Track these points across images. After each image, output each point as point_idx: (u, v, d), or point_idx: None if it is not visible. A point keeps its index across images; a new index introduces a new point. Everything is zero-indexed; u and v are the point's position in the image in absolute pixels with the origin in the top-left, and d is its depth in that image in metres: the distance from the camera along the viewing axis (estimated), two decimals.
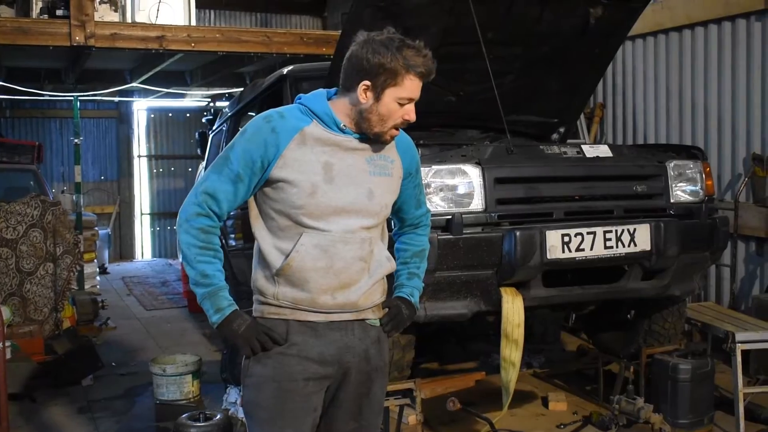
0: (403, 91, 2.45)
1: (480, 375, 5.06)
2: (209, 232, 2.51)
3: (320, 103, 2.54)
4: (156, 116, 14.75)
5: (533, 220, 4.43)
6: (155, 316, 9.08)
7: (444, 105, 5.45)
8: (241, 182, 2.47)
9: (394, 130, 2.51)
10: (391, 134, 2.52)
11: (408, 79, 2.44)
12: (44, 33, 7.76)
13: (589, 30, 5.20)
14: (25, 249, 7.10)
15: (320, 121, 2.52)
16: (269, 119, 2.51)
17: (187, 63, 10.46)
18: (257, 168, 2.47)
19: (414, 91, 2.47)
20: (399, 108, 2.47)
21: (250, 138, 2.48)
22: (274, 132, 2.47)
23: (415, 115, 2.51)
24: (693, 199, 4.88)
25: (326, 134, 2.51)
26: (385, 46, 2.42)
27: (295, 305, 2.51)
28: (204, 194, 2.50)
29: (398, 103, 2.46)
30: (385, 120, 2.47)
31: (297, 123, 2.50)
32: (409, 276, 2.83)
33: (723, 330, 4.99)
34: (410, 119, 2.49)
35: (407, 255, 2.84)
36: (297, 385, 2.51)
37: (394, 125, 2.49)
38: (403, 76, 2.43)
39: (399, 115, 2.48)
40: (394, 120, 2.48)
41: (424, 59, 2.45)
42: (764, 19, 6.46)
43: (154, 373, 5.35)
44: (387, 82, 2.44)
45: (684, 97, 7.29)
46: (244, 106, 7.00)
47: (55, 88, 10.96)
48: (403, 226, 2.85)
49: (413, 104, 2.50)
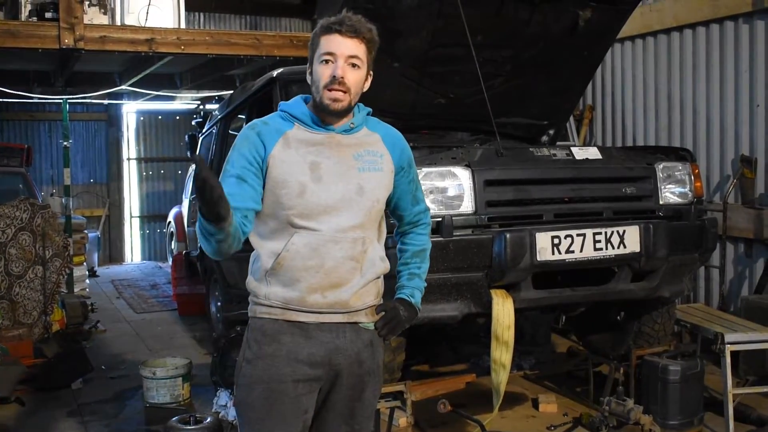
0: (320, 49, 2.49)
1: (470, 377, 5.06)
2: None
3: (298, 106, 2.59)
4: (145, 119, 14.71)
5: (523, 222, 4.44)
6: (145, 319, 9.05)
7: (434, 107, 5.46)
8: (244, 182, 2.47)
9: (329, 92, 2.47)
10: (327, 97, 2.48)
11: (323, 38, 2.49)
12: (33, 36, 7.73)
13: (578, 32, 5.22)
14: (14, 252, 7.07)
15: (301, 123, 2.55)
16: (253, 126, 2.56)
17: (176, 66, 10.43)
18: (255, 168, 2.48)
19: (331, 46, 2.47)
20: (324, 66, 2.48)
21: (240, 144, 2.53)
22: (260, 135, 2.52)
23: (343, 72, 2.46)
24: (682, 201, 4.89)
25: (309, 135, 2.53)
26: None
27: (286, 305, 2.51)
28: None
29: (321, 62, 2.48)
30: (318, 86, 2.49)
31: (280, 127, 2.54)
32: (409, 276, 2.80)
33: (712, 331, 5.01)
34: (338, 74, 2.45)
35: (407, 255, 2.82)
36: (286, 387, 2.51)
37: (324, 86, 2.47)
38: (318, 38, 2.50)
39: (327, 74, 2.47)
40: (323, 80, 2.47)
41: (340, 18, 2.48)
42: (752, 21, 6.49)
43: (144, 376, 5.35)
44: (312, 51, 2.52)
45: (672, 98, 7.32)
46: (234, 108, 7.00)
47: (44, 90, 10.91)
48: (402, 224, 2.83)
49: (341, 61, 2.47)
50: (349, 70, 2.47)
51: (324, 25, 2.50)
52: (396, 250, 2.86)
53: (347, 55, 2.47)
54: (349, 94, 2.49)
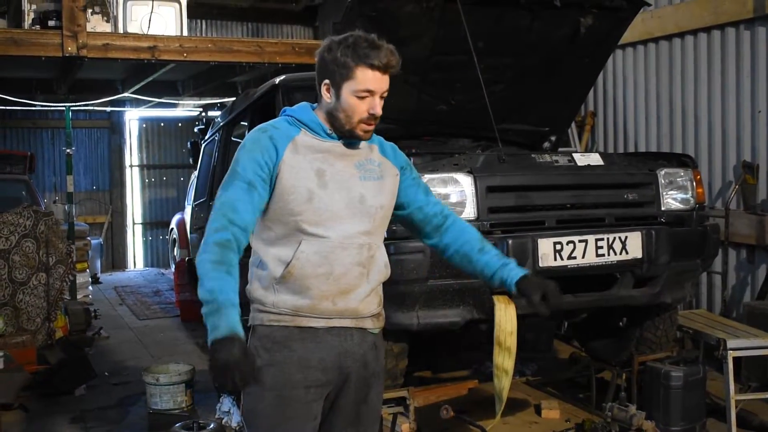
0: (357, 84, 2.46)
1: (473, 383, 5.05)
2: (226, 247, 2.38)
3: (306, 112, 2.59)
4: (148, 126, 14.74)
5: (525, 228, 4.44)
6: (148, 326, 9.06)
7: (435, 114, 5.47)
8: (254, 189, 2.46)
9: (364, 125, 2.50)
10: (361, 129, 2.51)
11: (359, 71, 2.45)
12: (36, 44, 7.77)
13: (580, 39, 5.23)
14: (18, 259, 7.08)
15: (309, 130, 2.55)
16: (264, 130, 2.55)
17: (178, 73, 10.46)
18: (266, 173, 2.47)
19: (369, 83, 2.46)
20: (360, 101, 2.47)
21: (251, 148, 2.51)
22: (272, 139, 2.51)
23: (380, 109, 2.50)
24: (684, 207, 4.89)
25: (316, 142, 2.54)
26: (339, 44, 2.46)
27: (296, 312, 2.51)
28: (222, 208, 2.44)
29: (357, 97, 2.47)
30: (350, 116, 2.49)
31: (289, 132, 2.54)
32: (499, 258, 2.79)
33: (715, 337, 5.00)
34: (375, 113, 2.48)
35: (473, 245, 2.78)
36: (298, 393, 2.51)
37: (360, 120, 2.49)
38: (354, 69, 2.45)
39: (363, 109, 2.48)
40: (359, 115, 2.48)
41: (377, 51, 2.45)
42: (753, 27, 6.50)
43: (147, 382, 5.34)
44: (342, 77, 2.47)
45: (674, 105, 7.32)
46: (236, 115, 7.00)
47: (46, 98, 10.93)
48: (429, 220, 2.77)
49: (377, 98, 2.49)
50: (380, 104, 2.51)
51: (362, 57, 2.44)
52: (437, 250, 2.84)
53: (383, 91, 2.50)
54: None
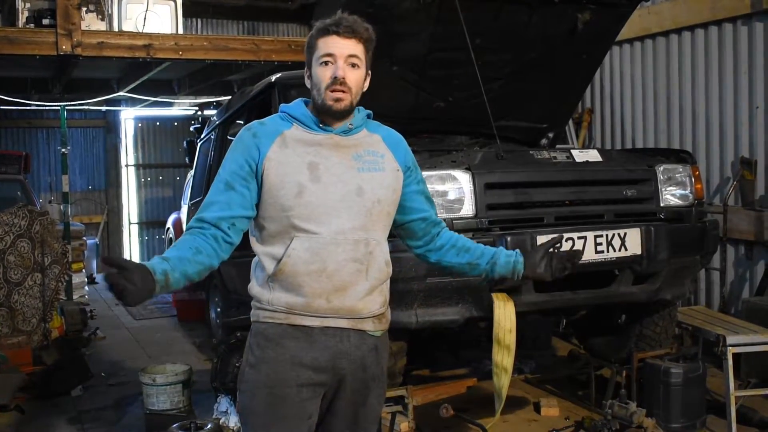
0: (319, 52, 2.50)
1: (472, 381, 5.05)
2: (192, 232, 2.47)
3: (298, 107, 2.59)
4: (143, 125, 14.68)
5: (524, 225, 4.43)
6: (144, 326, 9.03)
7: (433, 111, 5.45)
8: (231, 189, 2.48)
9: (330, 92, 2.48)
10: (330, 98, 2.49)
11: (321, 41, 2.50)
12: (31, 42, 7.74)
13: (577, 35, 5.21)
14: (13, 259, 7.05)
15: (300, 124, 2.55)
16: (249, 128, 2.58)
17: (174, 71, 10.44)
18: (246, 172, 2.48)
19: (329, 47, 2.48)
20: (324, 68, 2.49)
21: (235, 147, 2.55)
22: (255, 136, 2.52)
23: (346, 74, 2.48)
24: (682, 203, 4.88)
25: (308, 135, 2.53)
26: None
27: (290, 310, 2.49)
28: (198, 212, 2.52)
29: (321, 64, 2.49)
30: (319, 87, 2.50)
31: (277, 128, 2.55)
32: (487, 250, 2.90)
33: (714, 334, 5.00)
34: (338, 75, 2.47)
35: (468, 240, 2.88)
36: (290, 392, 2.49)
37: (326, 87, 2.48)
38: (317, 41, 2.51)
39: (327, 75, 2.48)
40: (324, 81, 2.48)
41: (335, 19, 2.49)
42: (750, 23, 6.49)
43: (144, 382, 5.32)
44: (310, 55, 2.53)
45: (672, 101, 7.31)
46: (232, 114, 6.98)
47: (41, 97, 10.91)
48: (428, 230, 2.80)
49: (341, 62, 2.48)
50: (349, 70, 2.49)
51: (320, 28, 2.50)
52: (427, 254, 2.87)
53: (347, 55, 2.48)
54: (350, 93, 2.49)
